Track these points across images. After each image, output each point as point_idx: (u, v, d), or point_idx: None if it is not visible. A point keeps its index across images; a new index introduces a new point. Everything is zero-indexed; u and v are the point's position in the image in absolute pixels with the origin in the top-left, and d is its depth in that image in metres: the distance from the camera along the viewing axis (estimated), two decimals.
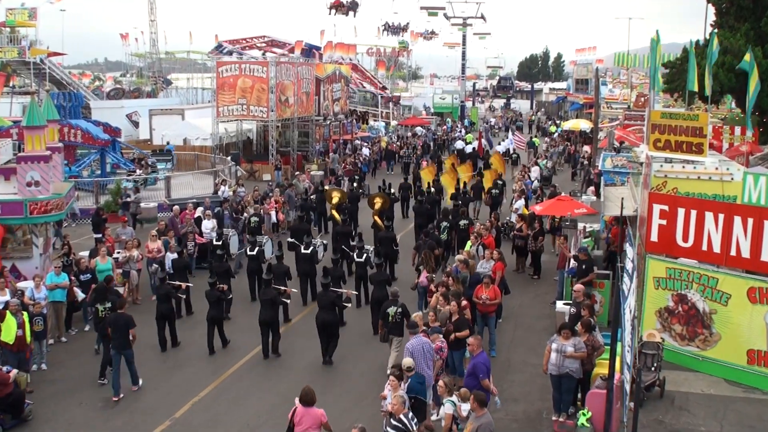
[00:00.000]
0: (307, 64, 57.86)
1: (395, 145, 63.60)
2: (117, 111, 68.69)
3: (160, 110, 65.61)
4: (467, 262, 23.14)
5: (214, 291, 21.80)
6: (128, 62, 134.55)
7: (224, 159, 48.95)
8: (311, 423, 13.67)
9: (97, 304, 20.42)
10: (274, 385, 19.28)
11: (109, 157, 43.72)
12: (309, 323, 22.76)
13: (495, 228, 29.85)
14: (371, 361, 20.81)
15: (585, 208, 29.99)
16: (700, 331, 18.86)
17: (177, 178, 42.73)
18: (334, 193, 33.84)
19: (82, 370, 20.15)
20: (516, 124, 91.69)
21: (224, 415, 17.62)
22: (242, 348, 21.85)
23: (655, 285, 19.34)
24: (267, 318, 21.01)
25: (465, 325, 18.13)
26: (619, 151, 36.01)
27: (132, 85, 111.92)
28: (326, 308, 20.56)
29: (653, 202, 19.49)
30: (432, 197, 36.84)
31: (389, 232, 28.45)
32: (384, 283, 22.47)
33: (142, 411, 17.84)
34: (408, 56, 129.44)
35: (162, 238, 26.97)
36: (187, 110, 66.81)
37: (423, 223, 32.45)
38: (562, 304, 22.25)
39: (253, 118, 52.66)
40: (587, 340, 16.58)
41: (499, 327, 22.28)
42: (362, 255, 25.87)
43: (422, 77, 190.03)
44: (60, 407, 18.02)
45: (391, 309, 19.58)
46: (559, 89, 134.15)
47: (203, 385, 19.30)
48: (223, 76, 51.12)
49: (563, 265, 25.72)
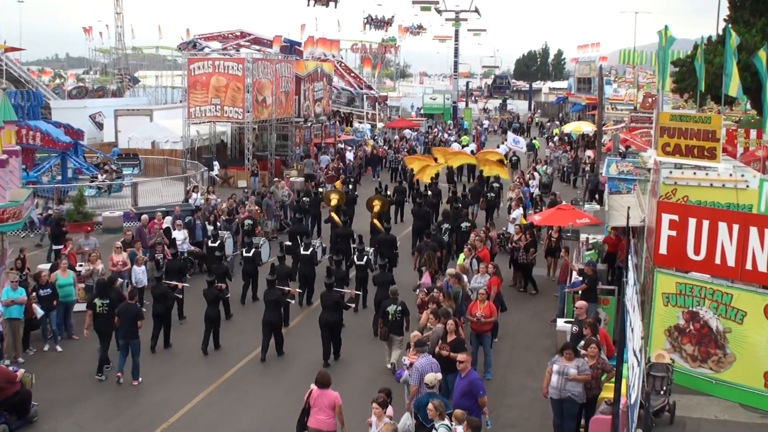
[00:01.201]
0: (287, 61, 57.82)
1: (382, 150, 63.58)
2: (79, 111, 68.35)
3: (126, 111, 65.34)
4: (459, 277, 23.11)
5: (213, 289, 23.01)
6: (92, 58, 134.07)
7: (196, 164, 48.90)
8: (326, 404, 15.18)
9: (96, 299, 21.11)
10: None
11: (71, 161, 43.61)
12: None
13: (489, 239, 29.86)
14: (370, 363, 21.82)
15: (588, 218, 29.99)
16: (713, 351, 18.89)
17: (144, 185, 42.64)
18: (332, 195, 35.40)
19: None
20: (513, 126, 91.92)
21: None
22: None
23: (664, 301, 19.37)
24: (272, 319, 22.23)
25: (462, 347, 18.10)
26: (624, 156, 36.24)
27: (96, 84, 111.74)
28: (330, 308, 21.85)
29: (662, 212, 19.51)
30: (429, 200, 38.11)
31: (389, 235, 29.96)
32: (388, 284, 23.20)
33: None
34: (396, 53, 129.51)
35: (128, 250, 26.87)
36: (156, 111, 66.69)
37: (422, 226, 33.29)
38: (563, 323, 22.29)
39: (227, 119, 52.49)
40: (597, 363, 16.54)
41: (495, 347, 22.23)
42: (362, 257, 27.07)
43: (411, 76, 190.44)
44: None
45: (391, 308, 20.97)
46: (560, 89, 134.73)
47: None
48: (194, 73, 51.07)
49: (564, 279, 25.74)
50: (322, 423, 15.24)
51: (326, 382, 15.33)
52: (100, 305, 20.89)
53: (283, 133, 58.43)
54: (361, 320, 25.31)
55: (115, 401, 19.54)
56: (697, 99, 30.36)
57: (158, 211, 33.08)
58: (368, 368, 21.57)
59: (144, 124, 61.15)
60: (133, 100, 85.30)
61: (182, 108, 53.98)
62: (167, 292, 23.03)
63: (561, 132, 76.32)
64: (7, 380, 17.76)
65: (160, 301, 22.71)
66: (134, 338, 20.24)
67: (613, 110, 71.70)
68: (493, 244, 30.49)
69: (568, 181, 55.58)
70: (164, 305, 22.76)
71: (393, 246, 29.36)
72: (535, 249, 29.53)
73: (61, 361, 22.19)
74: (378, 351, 22.16)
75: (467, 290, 23.00)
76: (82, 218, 36.52)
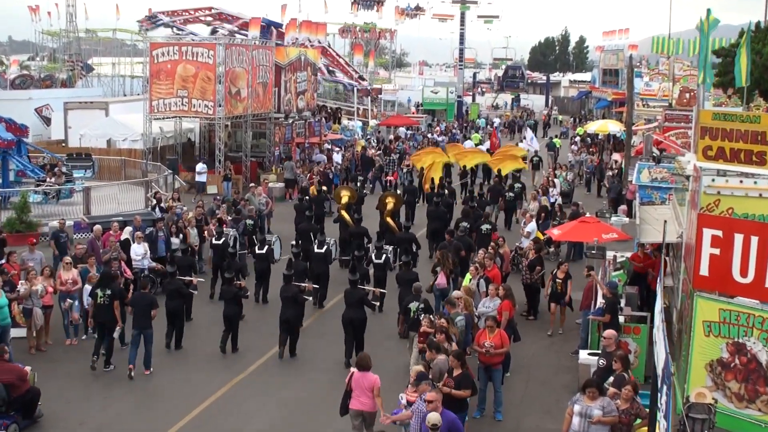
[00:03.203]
0: (265, 48, 57.90)
1: (374, 152, 63.25)
2: (23, 104, 68.43)
3: (77, 103, 65.24)
4: (453, 302, 22.95)
5: (232, 287, 25.18)
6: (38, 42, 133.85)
7: (159, 166, 48.80)
8: (367, 387, 17.68)
9: (98, 290, 23.39)
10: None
11: (13, 162, 43.46)
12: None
13: (500, 256, 29.73)
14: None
15: (615, 233, 29.91)
16: (762, 390, 18.84)
17: (99, 190, 42.52)
18: (343, 192, 37.87)
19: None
20: (528, 123, 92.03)
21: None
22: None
23: (705, 331, 19.32)
24: (289, 316, 24.40)
25: (469, 383, 18.02)
26: (659, 161, 36.12)
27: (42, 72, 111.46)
28: (354, 306, 23.95)
29: (703, 226, 19.48)
30: (446, 200, 39.84)
31: (408, 233, 32.87)
32: (411, 282, 24.99)
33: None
34: (391, 39, 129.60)
35: (79, 266, 26.71)
36: (112, 104, 66.50)
37: (439, 227, 35.67)
38: (587, 355, 22.21)
39: (195, 114, 52.49)
40: (632, 408, 16.38)
41: (507, 383, 22.21)
42: (381, 256, 29.47)
43: (409, 65, 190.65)
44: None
45: (413, 304, 23.25)
46: (582, 82, 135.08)
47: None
48: (158, 61, 50.99)
49: (588, 304, 25.61)
50: (364, 405, 17.77)
51: (366, 365, 17.82)
52: (101, 296, 23.19)
53: (260, 131, 58.40)
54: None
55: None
56: (743, 95, 30.30)
57: (114, 221, 32.87)
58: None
59: (98, 119, 61.00)
60: (86, 92, 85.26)
61: (143, 101, 53.82)
62: (181, 288, 25.49)
63: (585, 132, 76.34)
64: (20, 377, 19.60)
65: (174, 297, 25.14)
66: (148, 328, 22.93)
67: (645, 107, 71.60)
68: (505, 262, 30.41)
69: (591, 189, 55.62)
70: (178, 302, 25.24)
71: (412, 245, 31.76)
72: (541, 266, 29.38)
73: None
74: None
75: (474, 316, 22.96)
76: (26, 228, 36.38)
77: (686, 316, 20.10)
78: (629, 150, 49.38)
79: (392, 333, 26.48)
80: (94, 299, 23.49)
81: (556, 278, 27.76)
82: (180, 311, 25.52)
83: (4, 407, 19.25)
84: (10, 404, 19.32)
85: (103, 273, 24.64)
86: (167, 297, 25.38)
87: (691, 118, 28.14)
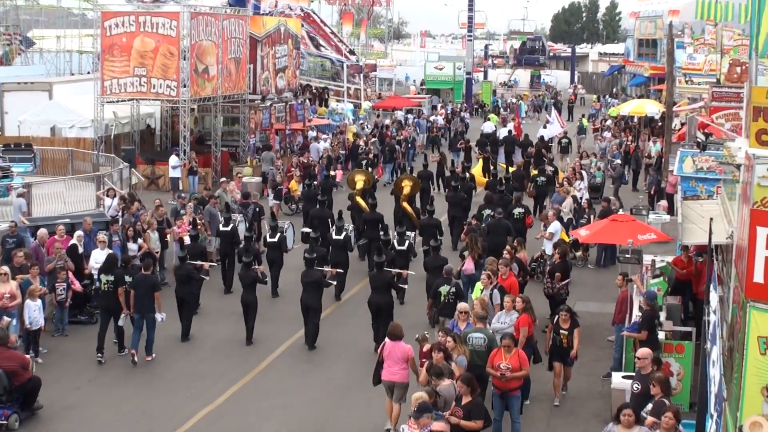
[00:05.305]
0: (238, 17, 57.75)
1: (365, 141, 63.00)
2: None
3: (15, 84, 65.13)
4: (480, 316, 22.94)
5: (250, 272, 27.53)
6: None
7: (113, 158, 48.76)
8: (400, 356, 20.38)
9: (102, 275, 25.97)
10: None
11: None
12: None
13: (517, 262, 29.42)
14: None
15: (654, 233, 29.89)
16: None
17: (41, 187, 42.50)
18: (357, 176, 40.58)
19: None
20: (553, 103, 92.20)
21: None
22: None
23: (761, 349, 19.28)
24: (310, 302, 26.70)
25: (481, 413, 18.01)
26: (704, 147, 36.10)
27: None
28: (380, 290, 26.22)
29: (757, 224, 19.40)
30: (467, 185, 43.00)
31: (432, 219, 35.28)
32: (441, 268, 26.83)
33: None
34: (388, 5, 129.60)
35: (19, 278, 26.63)
36: (57, 84, 66.29)
37: (458, 214, 38.88)
38: (620, 378, 22.17)
39: (155, 96, 52.49)
40: None
41: (526, 411, 22.29)
42: (404, 242, 31.26)
43: (408, 36, 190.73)
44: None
45: (444, 288, 25.41)
46: (614, 55, 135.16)
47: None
48: (111, 33, 51.00)
49: (621, 318, 25.51)
50: (396, 375, 20.40)
51: (398, 334, 20.60)
52: (105, 282, 25.68)
53: (232, 116, 58.42)
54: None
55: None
56: None
57: (60, 224, 32.83)
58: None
59: (41, 102, 60.62)
60: (26, 70, 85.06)
61: (94, 81, 53.87)
62: (192, 273, 27.91)
63: (618, 115, 76.29)
64: (22, 365, 21.51)
65: (185, 282, 27.65)
66: (150, 312, 25.29)
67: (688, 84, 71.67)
68: (522, 269, 29.69)
69: (627, 182, 55.51)
70: (188, 288, 27.71)
71: (437, 230, 33.81)
72: (565, 275, 28.62)
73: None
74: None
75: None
76: None
77: (738, 332, 20.07)
78: (669, 135, 49.41)
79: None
80: (99, 284, 26.17)
81: (560, 329, 23.89)
82: (190, 299, 27.97)
83: (5, 396, 21.05)
84: (10, 393, 21.08)
85: (108, 257, 26.88)
86: (178, 283, 27.90)
87: (743, 97, 28.11)
